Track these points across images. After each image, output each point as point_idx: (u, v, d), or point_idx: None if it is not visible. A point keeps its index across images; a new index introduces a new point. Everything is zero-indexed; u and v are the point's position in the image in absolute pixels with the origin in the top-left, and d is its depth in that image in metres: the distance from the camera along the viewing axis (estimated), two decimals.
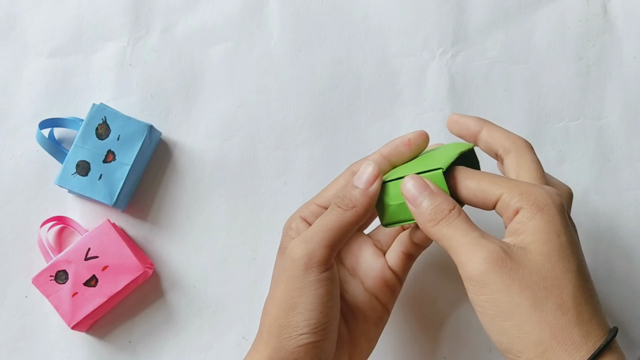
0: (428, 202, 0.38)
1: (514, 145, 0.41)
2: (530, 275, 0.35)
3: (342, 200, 0.41)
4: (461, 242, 0.36)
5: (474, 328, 0.55)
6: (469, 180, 0.39)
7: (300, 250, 0.40)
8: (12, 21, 0.58)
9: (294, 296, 0.39)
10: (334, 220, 0.40)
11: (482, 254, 0.35)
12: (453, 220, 0.37)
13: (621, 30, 0.59)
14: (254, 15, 0.58)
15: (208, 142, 0.57)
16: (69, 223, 0.55)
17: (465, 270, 0.36)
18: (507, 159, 0.41)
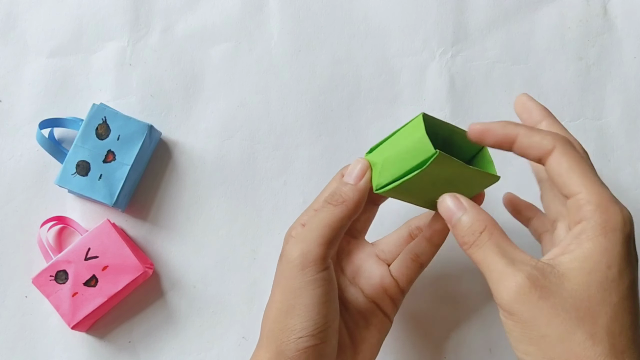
0: (457, 228, 0.38)
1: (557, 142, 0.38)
2: (561, 304, 0.34)
3: (332, 197, 0.41)
4: (490, 268, 0.36)
5: (474, 328, 0.55)
6: (565, 158, 0.37)
7: (295, 250, 0.40)
8: (12, 21, 0.58)
9: (290, 298, 0.39)
10: (326, 218, 0.40)
11: (509, 284, 0.35)
12: (484, 244, 0.36)
13: (621, 30, 0.59)
14: (254, 15, 0.58)
15: (208, 142, 0.57)
16: (69, 223, 0.55)
17: (495, 296, 0.36)
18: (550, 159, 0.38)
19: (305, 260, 0.39)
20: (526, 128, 0.38)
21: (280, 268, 0.41)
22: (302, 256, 0.39)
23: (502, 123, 0.39)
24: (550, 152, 0.37)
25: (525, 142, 0.38)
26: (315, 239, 0.40)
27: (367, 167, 0.41)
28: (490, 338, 0.55)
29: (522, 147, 0.38)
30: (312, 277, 0.39)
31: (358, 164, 0.42)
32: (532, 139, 0.38)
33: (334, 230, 0.40)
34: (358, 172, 0.41)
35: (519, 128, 0.38)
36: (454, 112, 0.57)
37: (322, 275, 0.40)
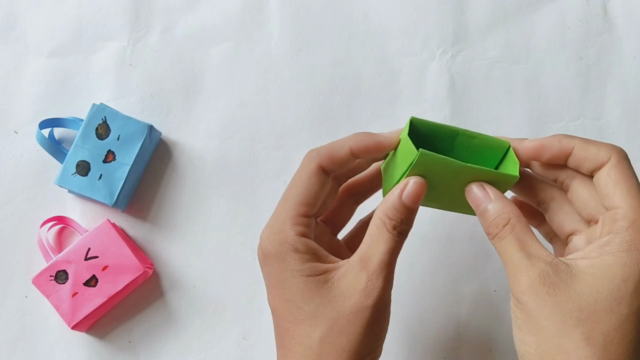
0: (483, 219, 0.39)
1: (613, 154, 0.38)
2: (566, 302, 0.35)
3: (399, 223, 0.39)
4: (509, 260, 0.37)
5: (474, 328, 0.55)
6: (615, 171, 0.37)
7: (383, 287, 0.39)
8: (12, 21, 0.58)
9: (375, 328, 0.39)
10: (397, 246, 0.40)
11: (522, 277, 0.36)
12: (504, 238, 0.37)
13: (621, 30, 0.59)
14: (254, 15, 0.58)
15: (208, 142, 0.57)
16: (69, 223, 0.55)
17: (509, 285, 0.37)
18: (602, 170, 0.38)
19: (390, 293, 0.39)
20: (582, 140, 0.39)
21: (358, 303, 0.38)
22: (389, 290, 0.39)
23: (558, 137, 0.39)
24: (605, 164, 0.37)
25: (581, 154, 0.38)
26: (393, 270, 0.39)
27: (425, 187, 0.39)
28: (490, 338, 0.55)
29: (578, 160, 0.38)
30: (390, 303, 0.39)
31: (418, 185, 0.39)
32: (587, 151, 0.38)
33: (396, 256, 0.40)
34: (420, 196, 0.39)
35: (575, 140, 0.39)
36: (454, 112, 0.57)
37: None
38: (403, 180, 0.39)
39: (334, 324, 0.38)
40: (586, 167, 0.38)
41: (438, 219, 0.56)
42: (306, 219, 0.40)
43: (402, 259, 0.55)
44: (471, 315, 0.55)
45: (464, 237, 0.56)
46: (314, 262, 0.39)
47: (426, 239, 0.56)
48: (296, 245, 0.39)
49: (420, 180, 0.39)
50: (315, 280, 0.38)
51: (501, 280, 0.55)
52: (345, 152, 0.40)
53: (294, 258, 0.39)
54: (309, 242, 0.39)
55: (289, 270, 0.39)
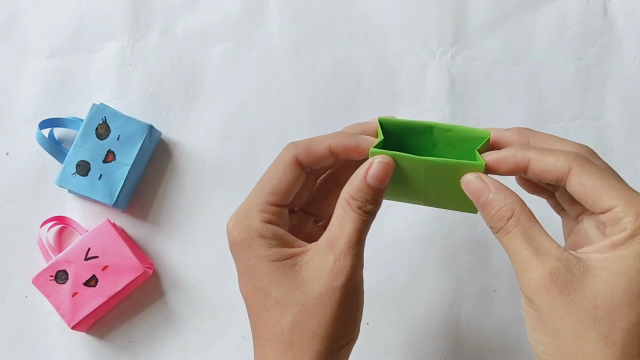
0: (485, 211, 0.37)
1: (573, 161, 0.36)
2: (581, 301, 0.33)
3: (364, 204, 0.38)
4: (516, 256, 0.35)
5: (474, 328, 0.55)
6: (587, 177, 0.35)
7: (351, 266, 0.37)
8: (12, 21, 0.58)
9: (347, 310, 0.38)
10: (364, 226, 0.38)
11: (532, 274, 0.34)
12: (510, 232, 0.35)
13: (621, 30, 0.59)
14: (254, 15, 0.58)
15: (208, 142, 0.57)
16: (69, 223, 0.55)
17: (518, 283, 0.35)
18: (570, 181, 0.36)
19: (360, 273, 0.38)
20: (537, 151, 0.37)
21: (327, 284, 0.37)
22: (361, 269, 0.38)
23: (512, 149, 0.37)
24: (568, 173, 0.36)
25: (538, 167, 0.36)
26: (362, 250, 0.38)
27: (392, 166, 0.38)
28: (490, 338, 0.55)
29: (536, 173, 0.37)
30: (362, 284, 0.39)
31: (383, 164, 0.38)
32: (545, 162, 0.36)
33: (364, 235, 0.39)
34: (384, 177, 0.38)
35: (530, 152, 0.37)
36: (454, 112, 0.57)
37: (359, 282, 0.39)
38: (368, 160, 0.38)
39: (303, 309, 0.37)
40: (548, 179, 0.36)
41: (438, 219, 0.56)
42: (275, 208, 0.39)
43: (402, 259, 0.56)
44: (471, 315, 0.55)
45: (464, 237, 0.56)
46: (281, 247, 0.38)
47: (426, 239, 0.56)
48: (262, 231, 0.38)
49: (384, 160, 0.38)
50: (282, 264, 0.38)
51: (501, 280, 0.55)
52: (324, 149, 0.39)
53: (260, 244, 0.38)
54: (275, 229, 0.39)
55: (255, 257, 0.38)
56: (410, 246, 0.56)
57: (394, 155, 0.37)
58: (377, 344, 0.55)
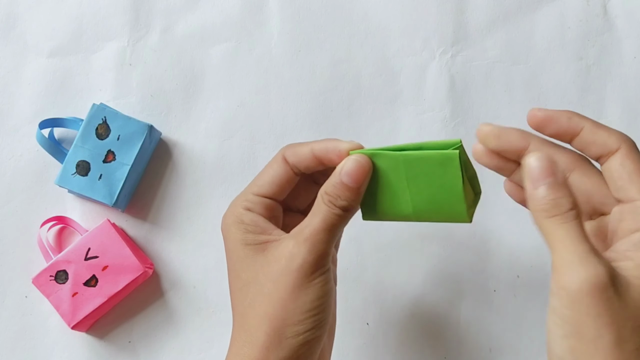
0: (549, 190, 0.34)
1: (623, 143, 0.36)
2: (622, 310, 0.32)
3: (337, 200, 0.39)
4: (568, 249, 0.33)
5: (474, 328, 0.55)
6: (630, 161, 0.35)
7: (311, 253, 0.38)
8: (12, 21, 0.58)
9: (301, 296, 0.38)
10: (336, 221, 0.39)
11: (586, 272, 0.32)
12: (569, 222, 0.34)
13: (621, 30, 0.59)
14: (254, 15, 0.58)
15: (208, 142, 0.57)
16: (69, 223, 0.55)
17: (562, 279, 0.33)
18: (612, 159, 0.36)
19: (320, 262, 0.38)
20: (592, 122, 0.36)
21: (279, 264, 0.39)
22: (317, 258, 0.38)
23: (568, 113, 0.37)
24: (614, 152, 0.35)
25: (589, 137, 0.36)
26: (328, 241, 0.39)
27: (369, 166, 0.39)
28: (490, 338, 0.55)
29: (585, 142, 0.36)
30: (323, 276, 0.39)
31: (357, 163, 0.39)
32: (597, 135, 0.36)
33: (339, 231, 0.40)
34: (361, 175, 0.39)
35: (586, 121, 0.36)
36: (454, 112, 0.57)
37: (329, 272, 0.39)
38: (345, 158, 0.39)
39: (260, 289, 0.39)
40: (593, 152, 0.36)
41: None
42: (258, 198, 0.41)
43: (403, 259, 0.56)
44: (471, 315, 0.55)
45: (464, 237, 0.56)
46: (257, 233, 0.40)
47: (426, 239, 0.56)
48: (241, 217, 0.40)
49: (358, 158, 0.39)
50: (254, 248, 0.39)
51: (501, 280, 0.55)
52: (307, 150, 0.41)
53: (238, 228, 0.40)
54: (255, 216, 0.40)
55: (232, 240, 0.40)
56: (410, 246, 0.56)
57: (371, 154, 0.38)
58: (377, 344, 0.55)
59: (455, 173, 0.37)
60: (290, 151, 0.41)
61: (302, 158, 0.41)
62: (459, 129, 0.57)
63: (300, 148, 0.41)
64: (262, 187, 0.41)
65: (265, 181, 0.41)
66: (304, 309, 0.38)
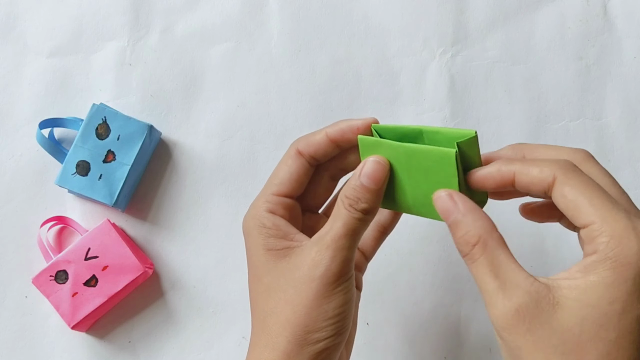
0: (452, 233, 0.36)
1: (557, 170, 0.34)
2: (549, 337, 0.32)
3: (357, 203, 0.38)
4: (483, 287, 0.34)
5: (474, 328, 0.55)
6: (568, 188, 0.33)
7: (335, 260, 0.38)
8: (12, 21, 0.58)
9: (324, 303, 0.38)
10: (357, 225, 0.38)
11: (498, 311, 0.33)
12: (476, 260, 0.34)
13: (621, 30, 0.59)
14: (254, 15, 0.58)
15: (208, 142, 0.57)
16: (69, 223, 0.55)
17: (489, 313, 0.34)
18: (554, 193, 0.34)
19: (345, 268, 0.38)
20: (521, 163, 0.35)
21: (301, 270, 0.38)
22: (342, 264, 0.38)
23: (497, 164, 0.36)
24: (553, 184, 0.34)
25: (524, 180, 0.35)
26: (352, 247, 0.38)
27: (388, 167, 0.38)
28: (490, 338, 0.55)
29: (523, 186, 0.35)
30: (347, 283, 0.38)
31: (378, 164, 0.38)
32: (529, 173, 0.35)
33: (361, 235, 0.39)
34: (381, 176, 0.38)
35: (514, 165, 0.35)
36: (454, 112, 0.57)
37: (352, 279, 0.39)
38: (363, 160, 0.39)
39: (283, 295, 0.38)
40: (536, 192, 0.35)
41: None
42: (279, 198, 0.41)
43: (403, 259, 0.56)
44: (471, 315, 0.55)
45: None
46: (279, 238, 0.39)
47: (426, 239, 0.56)
48: (263, 220, 0.40)
49: (378, 159, 0.38)
50: (276, 254, 0.39)
51: None
52: (321, 136, 0.40)
53: (260, 232, 0.40)
54: (276, 219, 0.40)
55: (254, 245, 0.40)
56: (410, 246, 0.56)
57: (376, 143, 0.38)
58: (377, 344, 0.55)
59: (451, 172, 0.36)
60: (303, 142, 0.41)
61: (317, 145, 0.40)
62: None
63: (314, 136, 0.41)
64: (281, 185, 0.41)
65: (282, 179, 0.41)
66: (326, 316, 0.38)
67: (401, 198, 0.40)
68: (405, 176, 0.39)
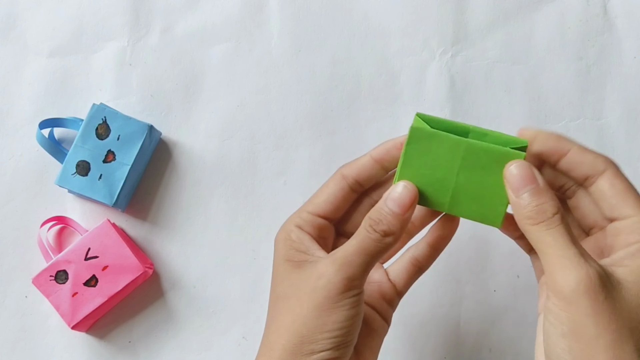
0: (532, 197, 0.36)
1: (610, 165, 0.37)
2: (620, 312, 0.33)
3: (378, 224, 0.38)
4: (558, 253, 0.34)
5: (474, 328, 0.55)
6: (619, 180, 0.37)
7: (338, 273, 0.38)
8: (12, 21, 0.58)
9: (323, 315, 0.38)
10: (372, 246, 0.38)
11: (578, 274, 0.33)
12: (555, 227, 0.35)
13: (621, 30, 0.59)
14: (254, 15, 0.58)
15: (208, 142, 0.57)
16: (69, 223, 0.55)
17: (556, 283, 0.34)
18: (601, 180, 0.37)
19: (349, 285, 0.38)
20: (580, 145, 0.38)
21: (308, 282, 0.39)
22: (346, 280, 0.38)
23: (556, 134, 0.38)
24: (602, 173, 0.37)
25: (577, 158, 0.37)
26: (361, 265, 0.38)
27: (416, 195, 0.38)
28: (490, 338, 0.55)
29: (573, 162, 0.37)
30: (350, 300, 0.38)
31: (409, 192, 0.38)
32: (584, 156, 0.37)
33: (378, 258, 0.39)
34: (407, 202, 0.38)
35: (573, 143, 0.38)
36: (454, 112, 0.57)
37: (358, 297, 0.39)
38: (395, 183, 0.39)
39: (287, 303, 0.39)
40: (580, 172, 0.37)
41: None
42: (311, 216, 0.41)
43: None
44: (471, 315, 0.55)
45: (464, 237, 0.56)
46: (299, 251, 0.40)
47: None
48: (290, 234, 0.41)
49: (406, 185, 0.38)
50: (292, 264, 0.40)
51: (501, 280, 0.55)
52: (366, 159, 0.41)
53: (284, 244, 0.41)
54: (302, 234, 0.41)
55: (278, 255, 0.41)
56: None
57: (433, 134, 0.37)
58: None
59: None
60: (348, 167, 0.41)
61: (361, 167, 0.41)
62: None
63: (358, 160, 0.41)
64: (317, 205, 0.41)
65: (320, 199, 0.42)
66: (324, 329, 0.38)
67: (438, 194, 0.39)
68: (454, 172, 0.38)
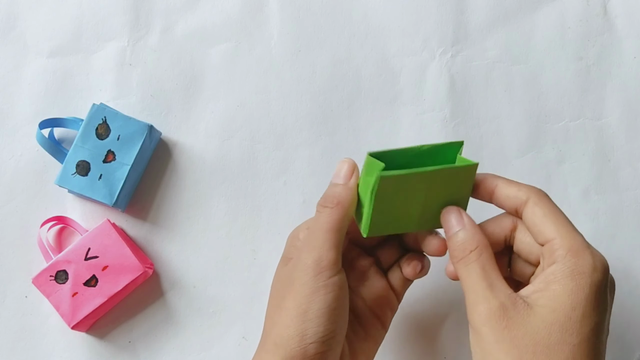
0: (456, 237, 0.40)
1: (531, 194, 0.40)
2: (523, 337, 0.36)
3: (325, 200, 0.41)
4: (471, 288, 0.38)
5: None
6: (539, 207, 0.39)
7: (308, 257, 0.40)
8: (12, 21, 0.58)
9: (303, 303, 0.39)
10: (327, 221, 0.41)
11: (483, 306, 0.37)
12: (470, 263, 0.39)
13: (621, 30, 0.59)
14: (254, 15, 0.58)
15: (208, 142, 0.57)
16: (69, 223, 0.55)
17: (469, 316, 0.38)
18: (526, 209, 0.40)
19: (319, 266, 0.40)
20: (505, 180, 0.41)
21: (289, 274, 0.41)
22: (315, 262, 0.40)
23: (483, 174, 0.41)
24: (525, 203, 0.39)
25: (503, 192, 0.41)
26: (324, 244, 0.40)
27: (354, 166, 0.42)
28: None
29: (501, 197, 0.41)
30: (325, 282, 0.40)
31: (344, 164, 0.42)
32: (509, 190, 0.40)
33: (337, 232, 0.41)
34: (346, 172, 0.42)
35: (498, 180, 0.41)
36: (454, 112, 0.57)
37: (334, 280, 0.40)
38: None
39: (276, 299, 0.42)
40: (508, 206, 0.40)
41: None
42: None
43: None
44: None
45: None
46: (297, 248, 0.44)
47: None
48: (298, 234, 0.45)
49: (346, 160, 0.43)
50: (285, 260, 0.44)
51: None
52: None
53: (290, 242, 0.45)
54: None
55: (284, 250, 0.45)
56: None
57: (402, 174, 0.39)
58: None
59: (469, 180, 0.41)
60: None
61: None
62: (459, 129, 0.57)
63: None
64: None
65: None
66: (307, 317, 0.39)
67: (406, 220, 0.42)
68: (421, 196, 0.41)
